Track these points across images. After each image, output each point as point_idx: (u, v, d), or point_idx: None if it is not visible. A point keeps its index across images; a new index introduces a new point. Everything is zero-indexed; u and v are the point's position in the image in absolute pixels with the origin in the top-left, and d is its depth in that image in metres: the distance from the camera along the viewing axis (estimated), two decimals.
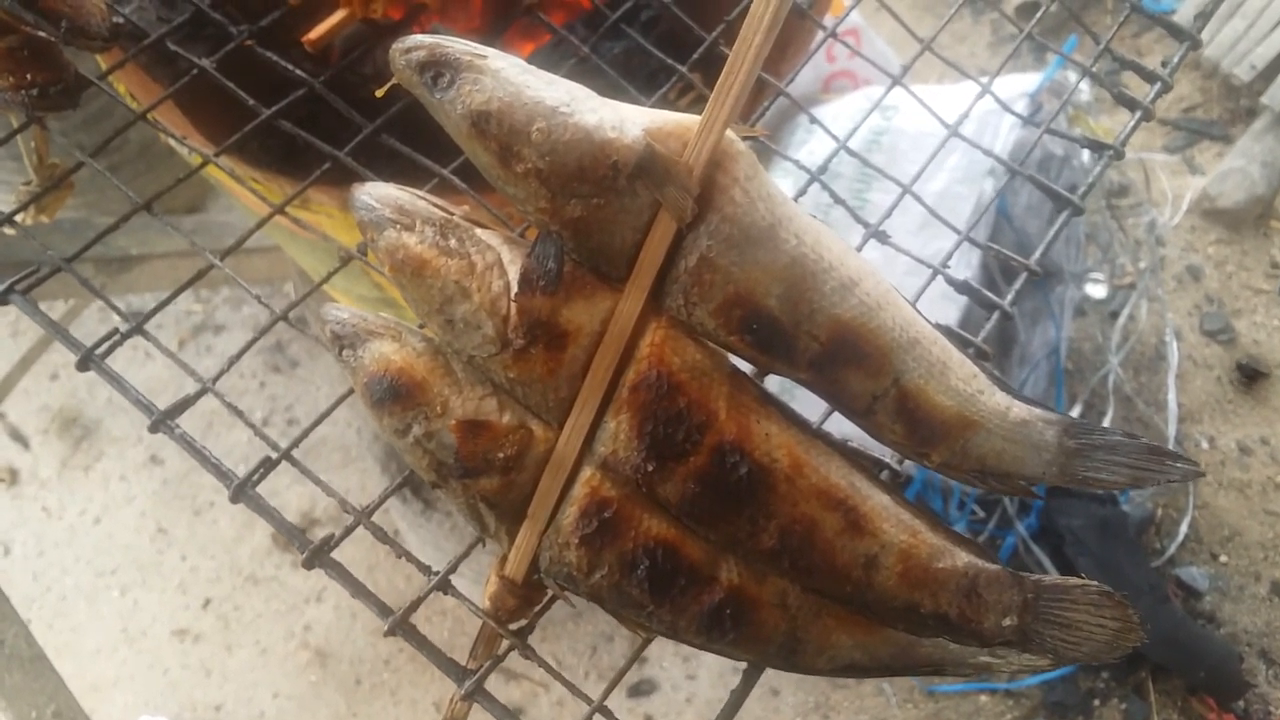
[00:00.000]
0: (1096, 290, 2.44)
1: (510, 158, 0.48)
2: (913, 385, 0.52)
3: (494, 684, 2.00)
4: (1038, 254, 0.68)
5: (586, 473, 0.52)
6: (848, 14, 0.74)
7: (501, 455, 0.52)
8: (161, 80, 0.72)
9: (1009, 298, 0.67)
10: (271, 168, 0.73)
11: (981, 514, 2.06)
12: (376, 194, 0.53)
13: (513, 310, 0.50)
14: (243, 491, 0.58)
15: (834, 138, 0.72)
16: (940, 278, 0.68)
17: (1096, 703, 1.98)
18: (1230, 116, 2.84)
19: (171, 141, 0.72)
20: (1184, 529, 2.19)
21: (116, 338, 0.61)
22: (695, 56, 0.71)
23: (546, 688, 2.00)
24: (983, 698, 1.99)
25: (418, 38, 0.50)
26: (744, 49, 0.48)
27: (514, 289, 0.50)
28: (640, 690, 1.98)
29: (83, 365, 0.60)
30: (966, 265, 1.92)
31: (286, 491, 2.17)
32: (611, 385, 0.51)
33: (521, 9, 0.73)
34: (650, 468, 0.51)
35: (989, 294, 0.66)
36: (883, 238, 0.68)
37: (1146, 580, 2.05)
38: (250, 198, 0.78)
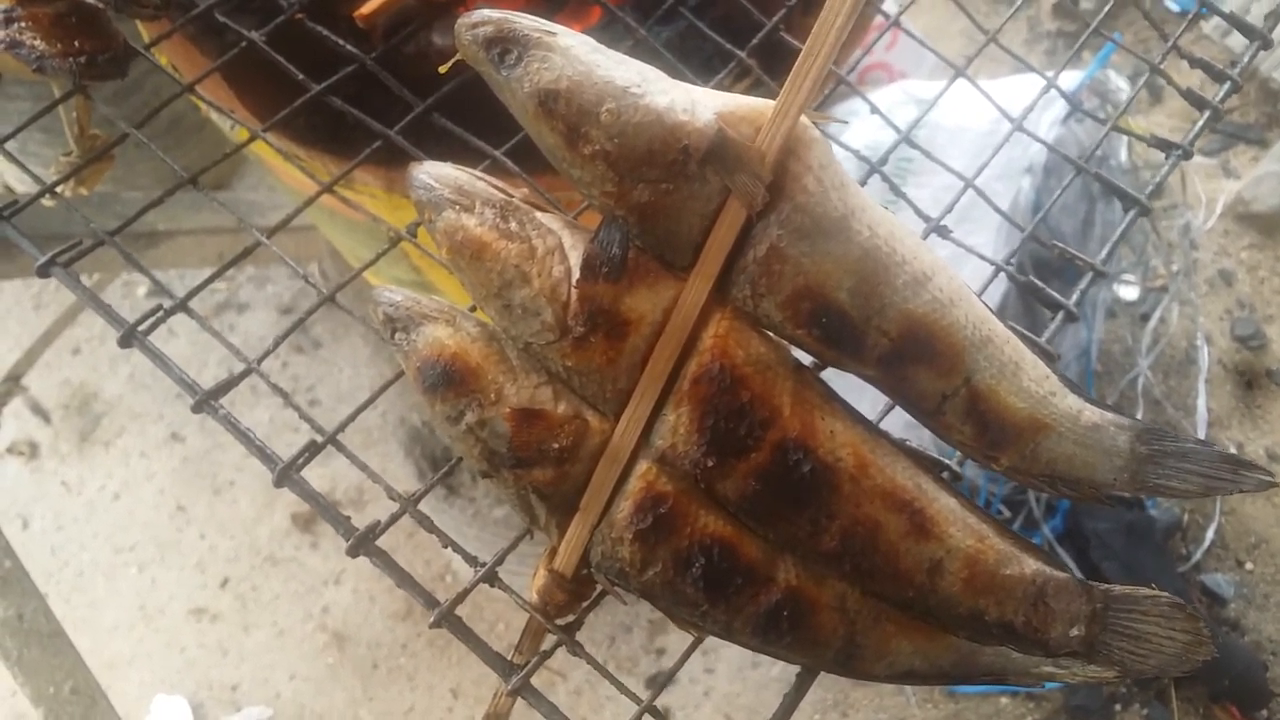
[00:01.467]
0: (1128, 292, 2.41)
1: (578, 139, 0.47)
2: (984, 385, 0.50)
3: None
4: (1103, 254, 0.66)
5: (642, 466, 0.51)
6: (911, 3, 0.72)
7: (556, 446, 0.51)
8: (208, 52, 0.70)
9: (1074, 298, 0.65)
10: (316, 144, 0.71)
11: (1007, 514, 2.04)
12: (435, 174, 0.51)
13: (573, 297, 0.49)
14: (287, 475, 0.57)
15: (895, 129, 0.70)
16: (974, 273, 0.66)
17: (1118, 708, 1.96)
18: (1267, 120, 2.80)
19: (214, 115, 0.71)
20: (1210, 535, 2.17)
21: (160, 314, 0.59)
22: (754, 42, 0.69)
23: (564, 676, 2.00)
24: (1003, 700, 1.97)
25: (485, 12, 0.48)
26: (824, 32, 0.46)
27: (575, 275, 0.49)
28: (658, 682, 1.97)
29: (125, 342, 0.59)
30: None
31: (306, 473, 2.16)
32: (671, 377, 0.50)
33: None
34: (710, 463, 0.49)
35: (1054, 293, 0.64)
36: (944, 232, 0.66)
37: (1172, 586, 2.03)
38: (296, 175, 0.76)
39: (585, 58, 0.47)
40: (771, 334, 0.50)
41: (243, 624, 2.03)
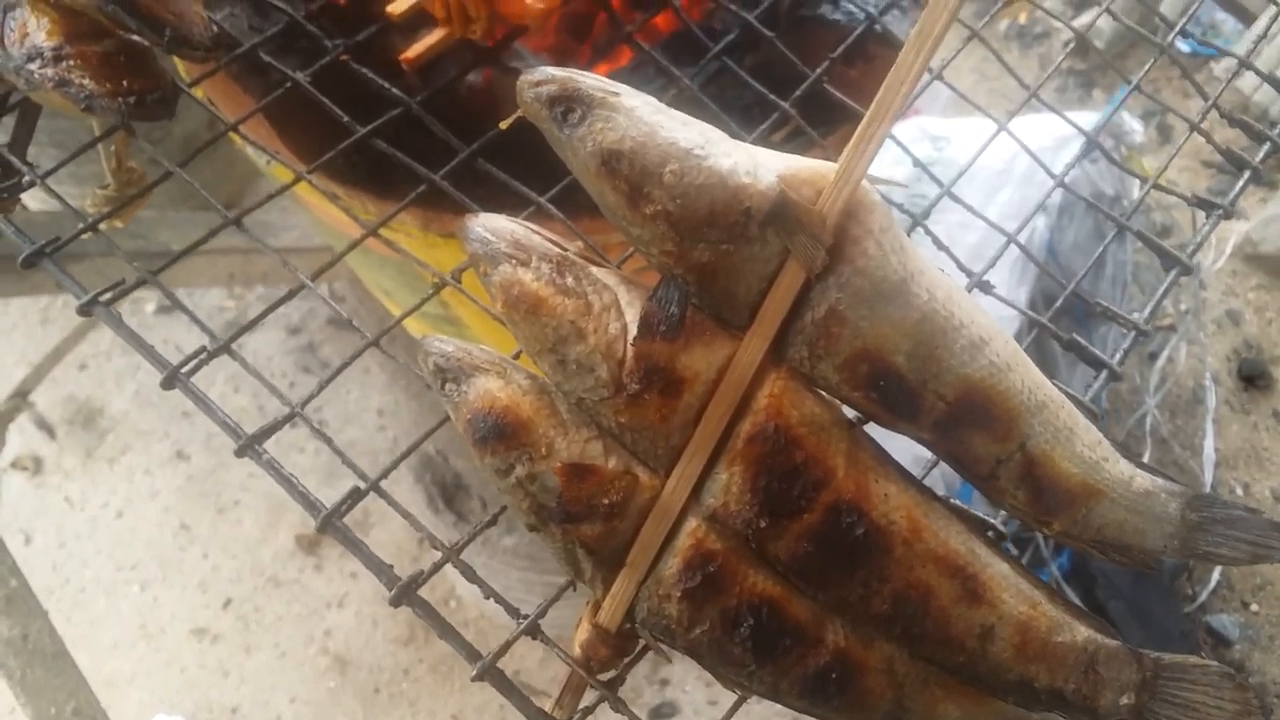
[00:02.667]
0: None
1: (640, 199, 0.47)
2: (1039, 451, 0.50)
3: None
4: (1146, 312, 0.66)
5: (691, 524, 0.50)
6: (953, 58, 0.72)
7: (606, 502, 0.50)
8: (251, 90, 0.70)
9: (1118, 357, 0.65)
10: (355, 184, 0.71)
11: (1015, 552, 2.03)
12: (491, 226, 0.51)
13: (629, 354, 0.48)
14: (330, 523, 0.57)
15: (937, 182, 0.70)
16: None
17: None
18: (1276, 162, 2.81)
19: (249, 150, 0.71)
20: (1216, 576, 2.16)
21: (204, 356, 0.59)
22: (798, 93, 0.69)
23: None
24: None
25: (548, 70, 0.48)
26: (889, 99, 0.46)
27: (631, 332, 0.49)
28: (661, 713, 1.96)
29: (168, 384, 0.59)
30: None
31: (312, 494, 2.15)
32: (724, 435, 0.49)
33: (621, 35, 0.71)
34: (763, 523, 0.49)
35: (1097, 352, 0.64)
36: (986, 288, 0.66)
37: (1178, 627, 2.02)
38: (334, 213, 0.76)
39: (649, 118, 0.47)
40: (825, 394, 0.50)
41: (244, 645, 2.02)
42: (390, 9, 0.64)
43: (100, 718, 1.54)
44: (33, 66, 0.58)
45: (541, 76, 0.48)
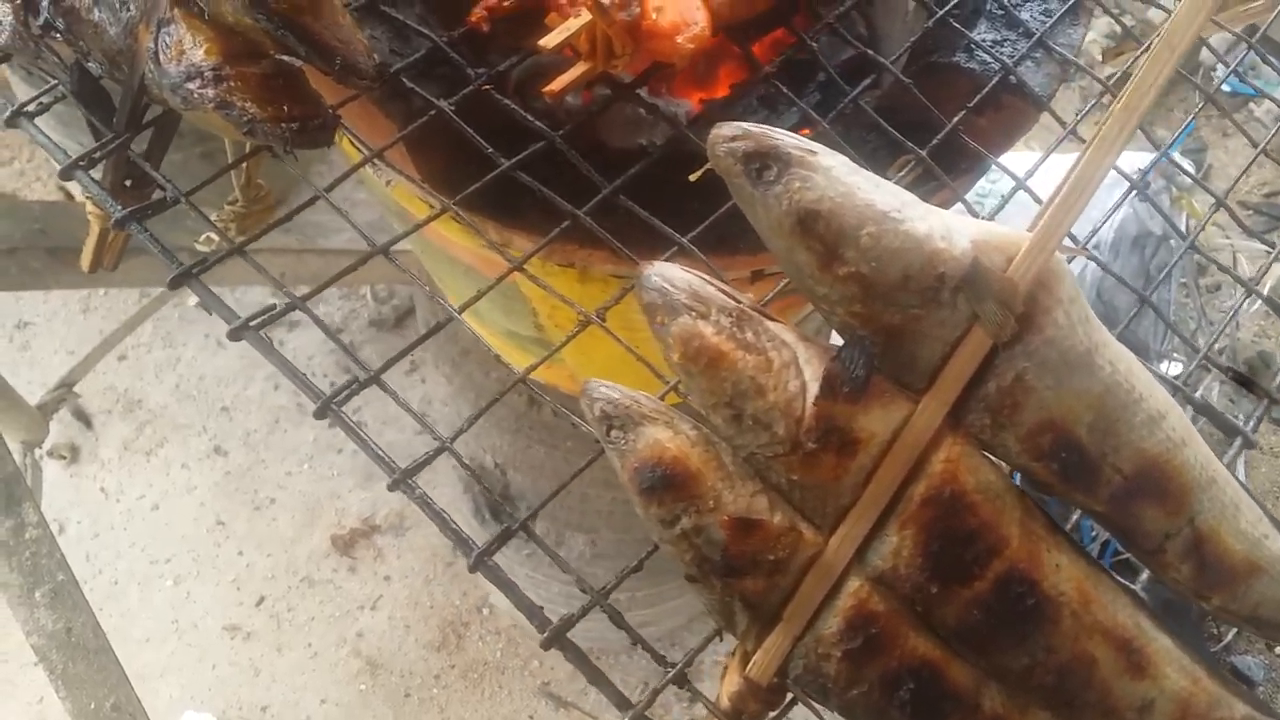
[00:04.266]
0: (1174, 368, 2.41)
1: (834, 260, 0.47)
2: (1206, 526, 0.50)
3: (545, 713, 1.97)
4: (1277, 384, 0.66)
5: (854, 584, 0.50)
6: (1091, 114, 0.72)
7: (771, 557, 0.50)
8: (392, 115, 0.70)
9: (1250, 424, 0.65)
10: (482, 211, 0.71)
11: None
12: (668, 276, 0.51)
13: (808, 413, 0.48)
14: (481, 562, 0.57)
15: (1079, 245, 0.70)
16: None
17: None
18: None
19: (369, 171, 0.70)
20: None
21: (354, 387, 0.59)
22: (935, 142, 0.69)
23: (596, 718, 1.98)
24: None
25: (743, 126, 0.48)
26: (1090, 172, 0.46)
27: (811, 390, 0.48)
28: None
29: (321, 413, 0.59)
30: None
31: (348, 496, 2.16)
32: (893, 497, 0.49)
33: (759, 79, 0.71)
34: (933, 589, 0.49)
35: (1231, 419, 0.64)
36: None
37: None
38: (451, 237, 0.76)
39: (846, 179, 0.47)
40: (1000, 462, 0.50)
41: (276, 644, 2.01)
42: (542, 43, 0.64)
43: (139, 715, 1.54)
44: (191, 86, 0.57)
45: (736, 132, 0.48)
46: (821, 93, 0.81)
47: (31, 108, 0.65)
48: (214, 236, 0.73)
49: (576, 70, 0.67)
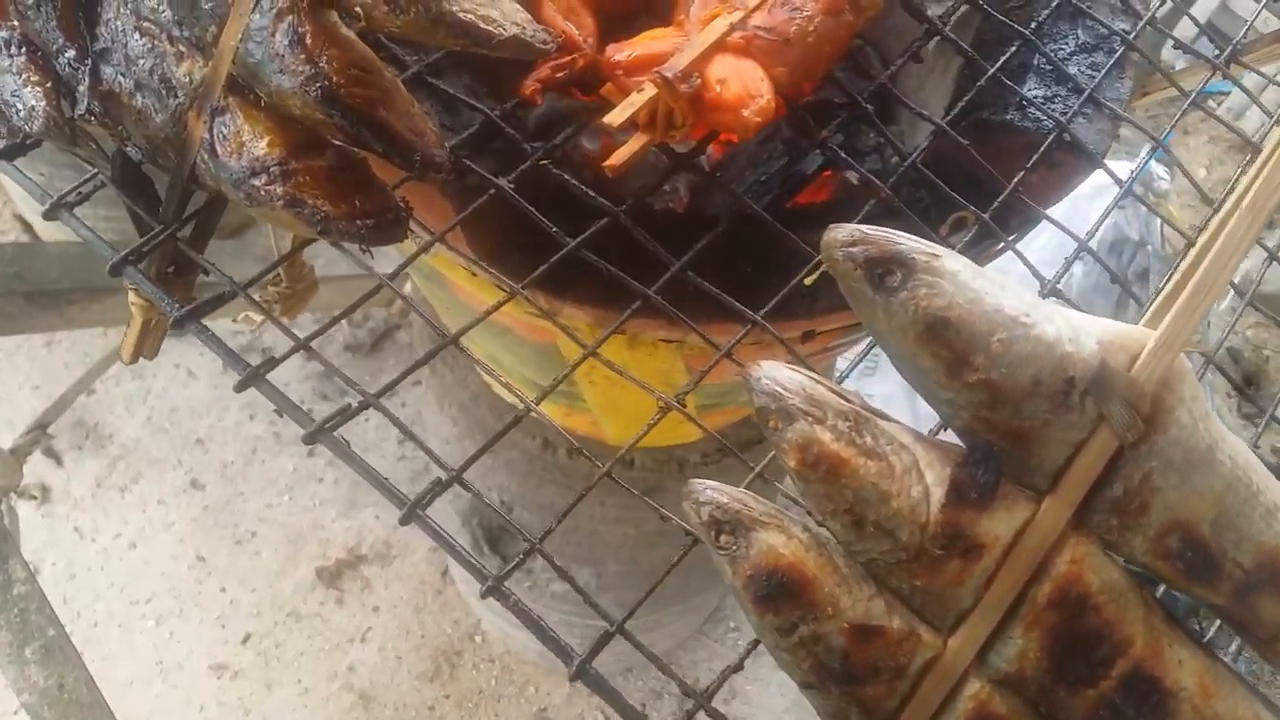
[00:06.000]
0: None
1: (963, 367, 0.46)
2: None
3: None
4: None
5: (975, 686, 0.49)
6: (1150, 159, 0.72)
7: (891, 663, 0.49)
8: (449, 195, 0.68)
9: None
10: (533, 283, 0.69)
11: None
12: (779, 378, 0.49)
13: (933, 519, 0.47)
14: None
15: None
16: None
17: None
18: None
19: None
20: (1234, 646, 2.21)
21: (438, 487, 0.57)
22: (996, 204, 0.69)
23: None
24: None
25: (860, 229, 0.47)
26: (1216, 271, 0.45)
27: (933, 494, 0.47)
28: None
29: (406, 519, 0.56)
30: None
31: (332, 525, 2.12)
32: (1016, 598, 0.49)
33: (817, 143, 0.70)
34: (1060, 690, 0.48)
35: None
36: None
37: None
38: (517, 314, 0.75)
39: (973, 284, 0.46)
40: (1121, 560, 0.49)
41: (265, 682, 1.97)
42: (607, 120, 0.62)
43: None
44: (257, 182, 0.55)
45: (855, 236, 0.47)
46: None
47: (71, 198, 0.62)
48: (254, 316, 0.71)
49: (636, 143, 0.66)
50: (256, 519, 2.11)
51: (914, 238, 0.47)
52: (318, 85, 0.53)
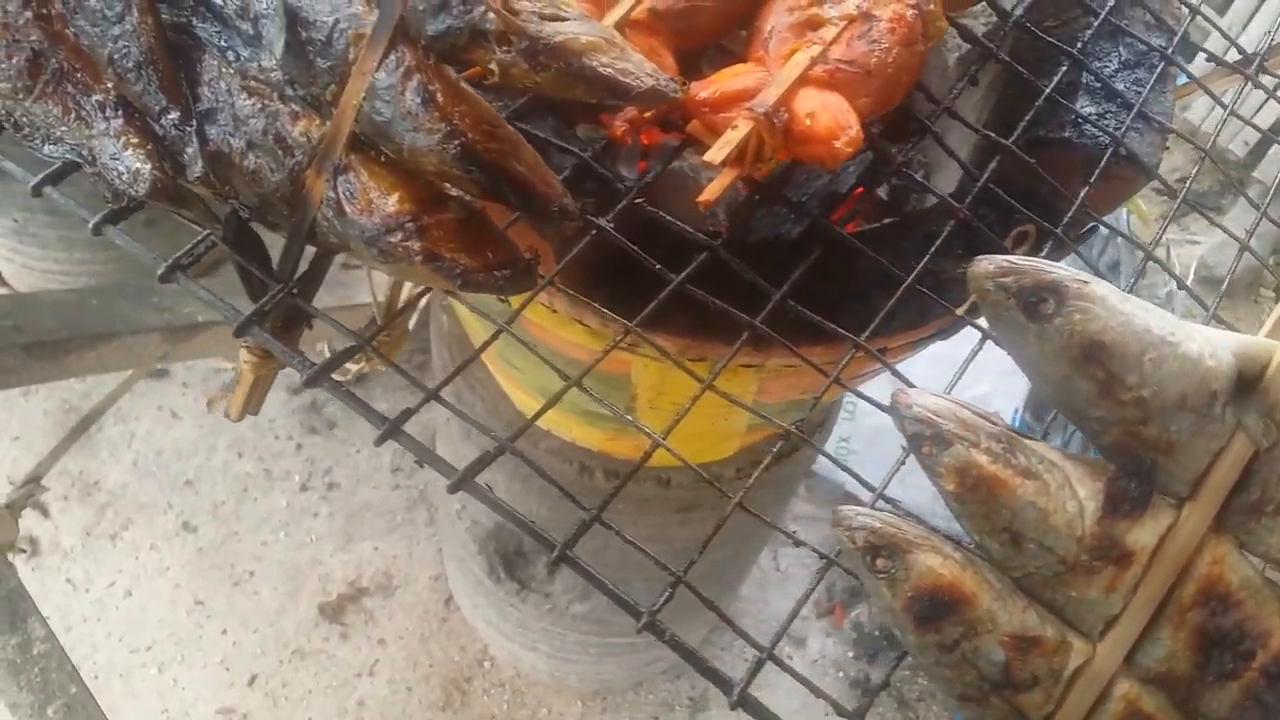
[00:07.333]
0: None
1: (1117, 387, 0.48)
2: None
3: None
4: None
5: (1124, 686, 0.52)
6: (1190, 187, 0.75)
7: (1049, 670, 0.52)
8: (546, 237, 0.69)
9: None
10: (625, 317, 0.70)
11: None
12: (931, 406, 0.51)
13: (1088, 532, 0.50)
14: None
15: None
16: None
17: None
18: (1220, 188, 2.98)
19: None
20: None
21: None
22: (1066, 219, 0.72)
23: None
24: None
25: (1010, 260, 0.49)
26: None
27: (1085, 508, 0.50)
28: None
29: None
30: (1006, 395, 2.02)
31: (330, 560, 2.10)
32: (1161, 601, 0.51)
33: (894, 168, 0.72)
34: (1207, 684, 0.51)
35: None
36: None
37: None
38: (589, 344, 0.76)
39: (1121, 308, 0.49)
40: (1260, 559, 0.52)
41: None
42: (708, 157, 0.64)
43: None
44: (393, 239, 0.55)
45: (1005, 266, 0.49)
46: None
47: (185, 261, 0.62)
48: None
49: (726, 177, 0.67)
50: (253, 558, 2.08)
51: (1061, 265, 0.49)
52: (456, 143, 0.54)
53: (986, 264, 0.50)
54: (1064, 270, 0.49)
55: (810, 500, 2.23)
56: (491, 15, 0.53)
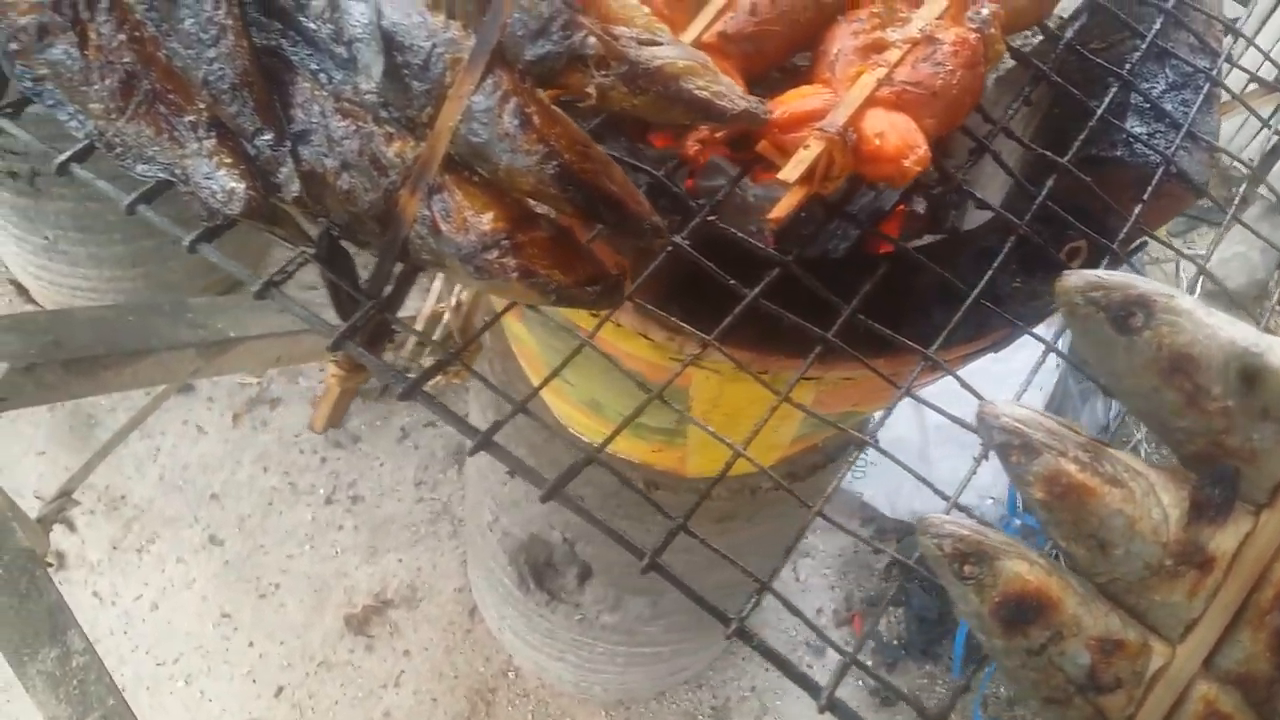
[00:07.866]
0: None
1: (1203, 397, 0.50)
2: None
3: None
4: None
5: (1202, 688, 0.54)
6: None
7: (1131, 672, 0.53)
8: (623, 253, 0.71)
9: None
10: (697, 330, 0.72)
11: None
12: (1018, 417, 0.53)
13: (1173, 538, 0.52)
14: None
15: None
16: None
17: None
18: (1224, 203, 3.01)
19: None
20: None
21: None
22: (1121, 236, 0.74)
23: None
24: None
25: (1097, 274, 0.51)
26: None
27: (1170, 515, 0.52)
28: None
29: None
30: None
31: (355, 572, 2.11)
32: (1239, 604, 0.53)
33: (954, 186, 0.74)
34: None
35: None
36: None
37: None
38: (653, 359, 0.77)
39: (1206, 320, 0.50)
40: None
41: None
42: (782, 175, 0.66)
43: None
44: (490, 256, 0.57)
45: (1093, 281, 0.51)
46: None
47: (278, 278, 0.64)
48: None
49: (795, 195, 0.69)
50: (279, 571, 2.09)
51: (1148, 280, 0.51)
52: (554, 163, 0.55)
53: (1075, 278, 0.52)
54: (1151, 284, 0.51)
55: (826, 509, 2.25)
56: (592, 40, 0.55)
